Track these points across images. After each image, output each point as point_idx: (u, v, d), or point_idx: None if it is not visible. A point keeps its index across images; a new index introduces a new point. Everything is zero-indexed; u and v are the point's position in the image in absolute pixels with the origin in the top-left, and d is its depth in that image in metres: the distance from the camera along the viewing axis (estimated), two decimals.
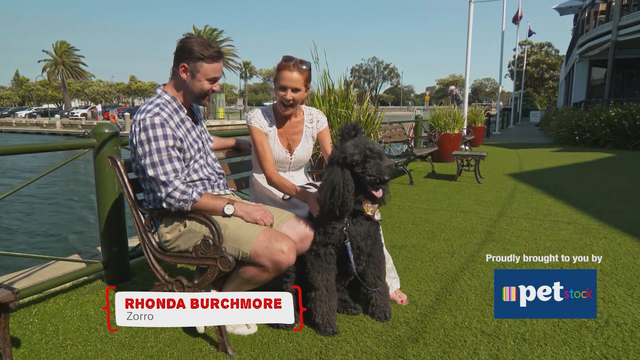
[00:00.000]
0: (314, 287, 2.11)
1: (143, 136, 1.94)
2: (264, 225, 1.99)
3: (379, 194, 2.02)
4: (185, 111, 2.12)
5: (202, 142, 2.20)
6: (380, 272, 2.25)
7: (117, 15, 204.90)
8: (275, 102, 2.48)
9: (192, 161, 2.11)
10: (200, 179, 2.14)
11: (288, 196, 2.41)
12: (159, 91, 2.10)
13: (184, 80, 2.05)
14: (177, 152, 2.00)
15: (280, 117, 2.46)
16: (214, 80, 2.08)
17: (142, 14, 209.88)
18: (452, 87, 15.09)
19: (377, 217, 2.19)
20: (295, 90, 2.30)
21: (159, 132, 1.94)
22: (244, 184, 2.80)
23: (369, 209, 2.10)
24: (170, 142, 1.96)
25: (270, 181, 2.36)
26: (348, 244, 2.09)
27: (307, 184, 2.45)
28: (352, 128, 2.08)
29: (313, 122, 2.54)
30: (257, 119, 2.41)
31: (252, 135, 2.41)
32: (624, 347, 2.00)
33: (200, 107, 2.32)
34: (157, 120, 1.94)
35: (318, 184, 2.36)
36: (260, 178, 2.51)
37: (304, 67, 2.31)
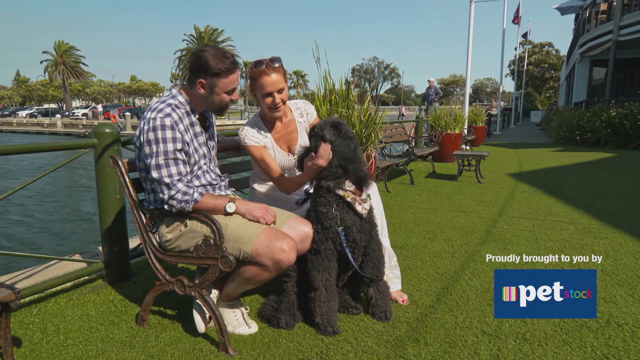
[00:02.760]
0: (314, 287, 2.12)
1: (151, 136, 1.92)
2: (265, 223, 1.99)
3: (317, 153, 2.08)
4: (197, 115, 2.11)
5: (208, 148, 2.19)
6: (379, 272, 2.25)
7: (117, 15, 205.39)
8: (260, 111, 2.46)
9: (196, 167, 2.10)
10: (202, 185, 2.13)
11: (299, 196, 2.44)
12: (174, 91, 2.07)
13: (201, 94, 2.02)
14: (183, 155, 1.99)
15: (271, 123, 2.44)
16: (232, 91, 2.06)
17: (142, 14, 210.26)
18: (431, 79, 14.33)
19: (361, 209, 2.14)
20: (280, 91, 2.28)
21: (168, 134, 1.92)
22: (244, 184, 2.80)
23: (348, 195, 2.11)
24: (178, 145, 1.95)
25: (287, 191, 2.38)
26: (340, 229, 2.10)
27: None
28: (332, 121, 2.20)
29: (303, 115, 2.53)
30: (250, 136, 2.40)
31: (251, 152, 2.41)
32: (624, 347, 2.00)
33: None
34: (167, 121, 1.93)
35: None
36: (259, 187, 2.53)
37: (277, 64, 2.27)
